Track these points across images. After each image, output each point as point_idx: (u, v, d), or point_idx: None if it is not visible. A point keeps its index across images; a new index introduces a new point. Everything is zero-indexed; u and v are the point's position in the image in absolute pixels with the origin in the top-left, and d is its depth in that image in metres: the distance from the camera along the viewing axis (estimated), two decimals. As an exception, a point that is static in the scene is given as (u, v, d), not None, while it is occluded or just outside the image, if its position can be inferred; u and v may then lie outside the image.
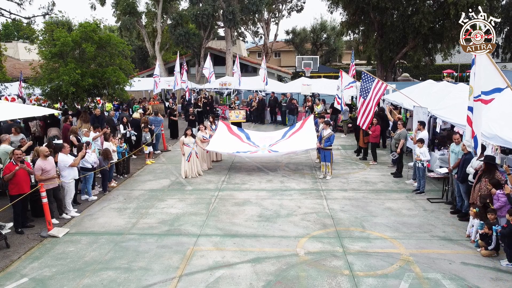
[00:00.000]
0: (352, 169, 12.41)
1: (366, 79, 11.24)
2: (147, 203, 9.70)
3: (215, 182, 11.24)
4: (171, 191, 10.60)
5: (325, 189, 10.41)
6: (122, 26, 30.21)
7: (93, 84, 14.46)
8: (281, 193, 10.19)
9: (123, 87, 15.44)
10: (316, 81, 21.79)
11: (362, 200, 9.54)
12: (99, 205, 9.66)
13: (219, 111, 23.88)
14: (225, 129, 13.40)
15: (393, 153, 11.38)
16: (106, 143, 10.82)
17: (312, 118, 13.03)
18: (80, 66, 14.29)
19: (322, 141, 11.19)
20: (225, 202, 9.60)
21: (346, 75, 16.37)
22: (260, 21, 41.48)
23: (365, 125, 11.52)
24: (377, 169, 12.32)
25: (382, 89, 10.86)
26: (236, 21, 27.56)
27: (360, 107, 11.62)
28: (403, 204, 9.23)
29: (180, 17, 28.47)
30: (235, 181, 11.36)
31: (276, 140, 12.96)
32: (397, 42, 27.84)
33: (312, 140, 11.68)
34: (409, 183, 10.77)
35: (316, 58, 24.78)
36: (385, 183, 10.89)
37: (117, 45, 15.44)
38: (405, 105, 13.66)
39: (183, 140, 11.72)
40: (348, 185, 10.76)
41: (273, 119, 21.93)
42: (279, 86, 23.19)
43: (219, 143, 12.53)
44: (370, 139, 12.86)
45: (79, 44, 14.67)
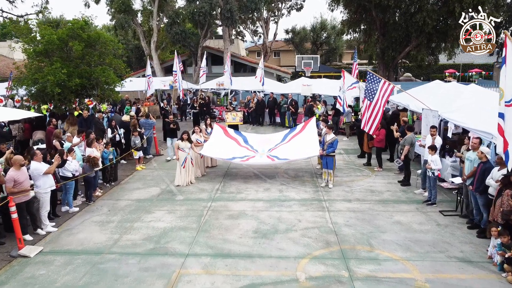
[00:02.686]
0: (356, 176, 11.57)
1: (372, 79, 10.40)
2: (133, 215, 8.86)
3: (208, 191, 10.41)
4: (160, 201, 9.76)
5: (328, 200, 9.57)
6: (117, 25, 29.33)
7: (81, 84, 13.63)
8: (280, 204, 9.36)
9: (113, 88, 14.60)
10: (316, 81, 20.94)
11: (368, 213, 8.70)
12: (80, 217, 8.82)
13: (216, 112, 23.07)
14: (221, 132, 12.57)
15: (397, 160, 10.55)
16: (88, 149, 9.97)
17: (314, 120, 12.18)
18: (66, 66, 13.46)
19: (324, 146, 10.35)
20: (218, 215, 8.76)
21: (349, 75, 15.55)
22: (259, 20, 40.67)
23: (372, 130, 10.68)
24: (382, 176, 11.49)
25: (389, 90, 10.02)
26: (234, 19, 26.71)
27: (365, 110, 10.77)
28: (413, 218, 8.39)
29: (177, 15, 27.60)
30: (230, 189, 10.52)
31: (275, 143, 12.13)
32: (399, 41, 27.01)
33: (314, 145, 10.84)
34: (418, 192, 9.94)
35: (316, 57, 23.97)
36: (392, 192, 10.06)
37: (107, 43, 14.62)
38: (412, 107, 12.82)
39: (179, 144, 10.89)
40: (352, 194, 9.93)
41: (272, 120, 21.09)
42: (278, 87, 22.34)
43: (214, 148, 11.70)
44: (374, 143, 12.04)
45: (66, 43, 13.85)
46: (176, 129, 13.49)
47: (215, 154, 11.51)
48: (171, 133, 13.62)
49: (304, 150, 11.01)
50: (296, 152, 11.12)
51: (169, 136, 13.61)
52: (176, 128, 13.46)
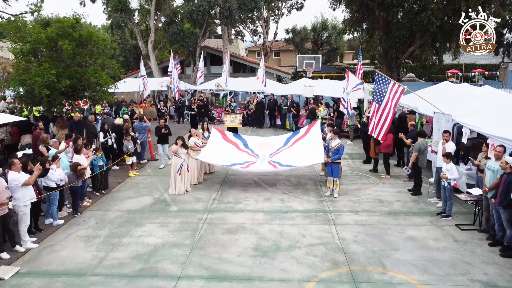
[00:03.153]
0: (363, 183, 10.86)
1: (380, 81, 9.68)
2: (122, 229, 8.14)
3: (204, 201, 9.69)
4: (152, 212, 9.04)
5: (333, 211, 8.85)
6: (113, 24, 28.60)
7: (71, 86, 12.93)
8: (282, 216, 8.64)
9: (106, 89, 13.88)
10: (318, 82, 20.22)
11: (378, 226, 7.99)
12: (64, 231, 8.10)
13: (215, 114, 22.37)
14: (219, 136, 11.85)
15: (406, 167, 9.84)
16: (76, 156, 9.26)
17: (318, 124, 11.46)
18: (56, 66, 12.75)
19: (329, 152, 9.63)
20: (215, 229, 8.05)
21: (353, 76, 14.85)
22: (259, 19, 39.97)
23: (381, 135, 9.95)
24: (391, 184, 10.77)
25: (399, 92, 9.30)
26: (234, 18, 25.98)
27: (373, 113, 10.05)
28: (428, 232, 7.68)
29: (174, 14, 26.88)
30: (228, 199, 9.81)
31: (277, 148, 11.42)
32: (403, 41, 26.25)
33: (319, 152, 10.12)
34: (432, 201, 9.23)
35: (318, 57, 23.25)
36: (402, 202, 9.34)
37: (100, 42, 13.90)
38: (420, 109, 12.09)
39: (173, 149, 10.17)
40: (360, 205, 9.21)
41: (272, 123, 20.38)
42: (278, 88, 21.61)
43: (212, 153, 10.99)
44: (381, 148, 11.34)
45: (56, 42, 13.14)
46: (168, 135, 12.67)
47: (213, 160, 10.79)
48: (162, 139, 12.73)
49: (307, 157, 10.29)
50: (299, 158, 10.40)
51: (160, 142, 12.75)
52: (167, 134, 12.63)
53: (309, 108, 17.72)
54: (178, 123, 22.33)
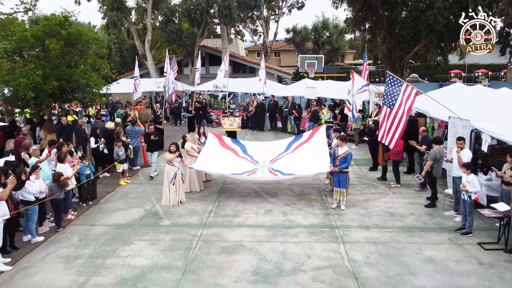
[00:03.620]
0: (371, 193, 10.06)
1: (392, 83, 8.88)
2: (108, 247, 7.34)
3: (200, 214, 8.89)
4: (142, 227, 8.24)
5: (341, 226, 8.05)
6: (109, 23, 27.81)
7: (59, 87, 12.14)
8: (284, 232, 7.84)
9: (97, 91, 13.08)
10: (320, 83, 19.39)
11: (392, 245, 7.19)
12: (44, 250, 7.30)
13: (213, 116, 21.57)
14: (216, 142, 11.06)
15: (418, 176, 9.04)
16: (60, 165, 8.46)
17: (323, 128, 10.67)
18: (42, 67, 11.96)
19: (336, 161, 8.83)
20: (210, 247, 7.25)
21: (359, 77, 14.06)
22: (259, 18, 39.20)
23: (393, 143, 9.15)
24: (401, 194, 9.97)
25: (413, 95, 8.50)
26: (233, 17, 25.20)
27: (384, 118, 9.25)
28: (448, 253, 6.88)
29: (172, 12, 26.09)
30: (226, 211, 9.01)
31: (278, 153, 10.64)
32: (408, 40, 25.46)
33: (324, 159, 9.33)
34: (448, 215, 8.44)
35: (320, 57, 22.44)
36: (416, 216, 8.54)
37: (90, 41, 13.11)
38: (432, 113, 11.29)
39: (166, 157, 9.36)
40: (370, 219, 8.41)
41: (273, 125, 19.58)
42: (279, 89, 20.79)
43: (208, 160, 10.19)
44: (390, 155, 10.54)
45: (43, 41, 12.36)
46: (158, 141, 11.80)
47: (210, 168, 9.98)
48: (151, 146, 11.83)
49: (311, 165, 9.49)
50: (302, 166, 9.60)
51: (149, 150, 11.88)
52: (157, 141, 11.75)
53: (311, 111, 16.92)
54: (175, 125, 21.53)
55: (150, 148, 11.85)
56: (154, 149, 11.85)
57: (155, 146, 11.85)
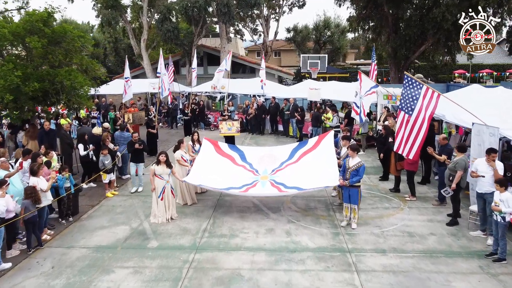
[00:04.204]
0: (384, 208, 9.03)
1: (410, 85, 7.86)
2: (84, 277, 6.31)
3: (192, 233, 7.87)
4: (126, 250, 7.22)
5: (354, 250, 7.03)
6: (103, 21, 26.80)
7: (41, 89, 11.14)
8: (288, 257, 6.82)
9: (84, 93, 12.07)
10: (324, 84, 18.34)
11: (414, 275, 6.16)
12: (8, 281, 6.28)
13: (211, 119, 20.54)
14: (211, 149, 10.06)
15: (446, 190, 8.00)
16: (33, 179, 7.44)
17: (331, 135, 9.65)
18: (22, 67, 10.97)
19: (346, 173, 7.81)
20: (203, 278, 6.22)
21: (367, 78, 13.04)
22: (259, 17, 38.20)
23: (412, 154, 8.12)
24: (418, 209, 8.95)
25: (435, 100, 7.49)
26: (232, 15, 24.19)
27: (401, 125, 8.21)
28: (480, 285, 5.86)
29: (168, 10, 25.05)
30: (222, 230, 7.98)
31: (280, 161, 9.64)
32: (414, 39, 24.45)
33: (332, 171, 8.32)
34: (475, 235, 7.42)
35: (324, 57, 21.40)
36: (438, 236, 7.51)
37: (75, 39, 12.09)
38: (449, 117, 10.24)
39: (154, 170, 8.33)
40: (386, 240, 7.39)
41: (273, 128, 18.56)
42: (280, 90, 19.73)
43: (203, 171, 9.18)
44: (404, 165, 9.51)
45: (23, 38, 11.36)
46: (143, 151, 10.49)
47: (204, 181, 8.92)
48: (135, 156, 10.37)
49: (318, 177, 8.46)
50: (308, 179, 8.57)
51: (133, 160, 10.38)
52: (142, 149, 10.44)
53: (313, 114, 15.88)
54: (171, 128, 20.52)
55: (134, 159, 10.38)
56: (139, 159, 10.44)
57: (140, 156, 10.48)
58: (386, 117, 12.63)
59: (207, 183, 8.85)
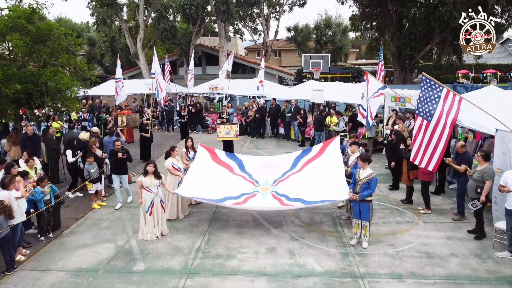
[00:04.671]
0: (397, 223, 8.19)
1: (428, 87, 7.03)
2: (57, 308, 5.49)
3: (184, 253, 7.04)
4: (108, 274, 6.38)
5: (366, 274, 6.19)
6: (98, 20, 25.98)
7: (24, 91, 10.33)
8: (293, 283, 5.98)
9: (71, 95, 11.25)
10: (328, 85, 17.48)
11: (439, 308, 5.34)
12: (-30, 313, 5.46)
13: (209, 121, 19.71)
14: (207, 157, 9.22)
15: (474, 203, 7.15)
16: (3, 193, 6.59)
17: (337, 141, 8.82)
18: (2, 67, 10.17)
19: (356, 186, 6.98)
20: (194, 310, 5.40)
21: (374, 79, 12.18)
22: (259, 16, 37.39)
23: (431, 165, 7.28)
24: (434, 223, 8.11)
25: (457, 104, 6.67)
26: (231, 13, 23.36)
27: (418, 133, 7.37)
28: (519, 322, 5.04)
29: (165, 8, 24.22)
30: (217, 249, 7.15)
31: (283, 171, 8.81)
32: (419, 38, 23.64)
33: (340, 183, 7.49)
34: (502, 256, 6.59)
35: (326, 56, 20.56)
36: (460, 258, 6.67)
37: (61, 37, 11.28)
38: (465, 122, 9.36)
39: (142, 182, 7.49)
40: (402, 263, 6.55)
41: (274, 131, 17.72)
42: (281, 91, 18.87)
43: (197, 181, 8.34)
44: (419, 175, 8.68)
45: (4, 36, 10.56)
46: (126, 160, 9.34)
47: (198, 192, 8.07)
48: (118, 166, 9.19)
49: (324, 189, 7.64)
50: (312, 191, 7.74)
51: (116, 172, 9.22)
52: (126, 159, 9.24)
53: (315, 117, 15.01)
54: (167, 131, 19.68)
55: (117, 169, 9.20)
56: (122, 170, 9.28)
57: (123, 166, 9.30)
58: (395, 120, 11.80)
59: (201, 195, 7.99)
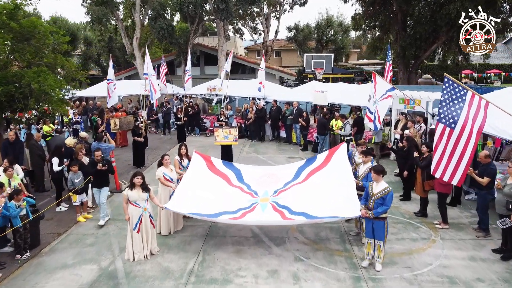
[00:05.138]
0: (412, 240, 7.39)
1: (452, 90, 6.23)
2: None
3: (175, 276, 6.25)
4: (87, 303, 5.61)
5: (382, 305, 5.41)
6: (93, 19, 25.20)
7: (6, 93, 9.56)
8: (298, 316, 5.21)
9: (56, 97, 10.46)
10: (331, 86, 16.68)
11: None
12: None
13: (207, 123, 18.93)
14: (203, 165, 8.43)
15: (504, 221, 6.35)
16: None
17: (344, 147, 8.05)
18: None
19: (369, 201, 6.20)
20: None
21: (382, 80, 11.40)
22: (259, 15, 36.64)
23: (456, 179, 6.46)
24: (454, 240, 7.31)
25: (483, 110, 5.88)
26: (230, 11, 22.57)
27: (439, 142, 6.56)
28: None
29: (162, 6, 23.44)
30: (213, 272, 6.36)
31: (284, 182, 8.03)
32: (425, 37, 22.83)
33: (349, 196, 6.71)
34: (534, 285, 5.81)
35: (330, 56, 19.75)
36: (487, 284, 5.88)
37: (47, 35, 10.50)
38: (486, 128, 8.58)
39: (128, 196, 6.70)
40: (421, 289, 5.77)
41: (275, 135, 16.94)
42: (282, 93, 18.06)
43: (190, 194, 7.54)
44: (435, 186, 7.89)
45: (-16, 34, 9.79)
46: (107, 172, 8.35)
47: (191, 208, 7.22)
48: (97, 179, 8.23)
49: (332, 202, 6.84)
50: (318, 203, 6.94)
51: (96, 185, 8.27)
52: (107, 171, 8.30)
53: (318, 121, 14.19)
54: (164, 134, 18.89)
55: (97, 183, 8.25)
56: (103, 183, 8.30)
57: (104, 179, 8.34)
58: (406, 124, 11.03)
59: (194, 209, 7.15)
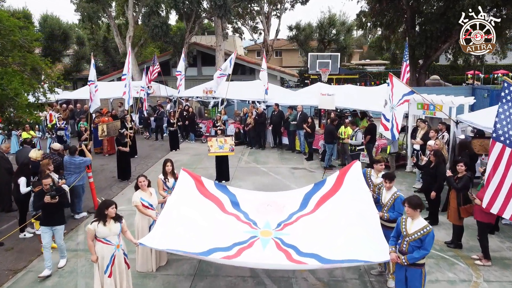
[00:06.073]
0: (449, 282, 5.94)
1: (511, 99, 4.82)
2: None
3: None
4: None
5: None
6: (83, 16, 23.78)
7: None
8: None
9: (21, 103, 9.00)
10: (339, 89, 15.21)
11: None
12: None
13: (202, 128, 17.51)
14: (191, 186, 6.95)
15: None
16: None
17: (359, 166, 6.65)
18: None
19: (403, 243, 4.76)
20: None
21: (399, 82, 9.98)
22: (260, 14, 35.24)
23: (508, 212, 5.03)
24: (501, 283, 5.87)
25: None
26: (228, 8, 21.14)
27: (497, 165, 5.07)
28: None
29: (156, 3, 22.01)
30: (199, 332, 4.94)
31: (290, 212, 6.57)
32: (437, 36, 21.40)
33: (373, 232, 5.28)
34: None
35: (336, 56, 18.26)
36: None
37: (14, 31, 9.06)
38: None
39: (96, 232, 5.22)
40: None
41: (277, 141, 15.51)
42: (285, 96, 16.60)
43: (173, 223, 6.05)
44: (475, 213, 6.45)
45: None
46: (61, 205, 6.25)
47: (174, 243, 5.70)
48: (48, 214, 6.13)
49: (351, 241, 5.40)
50: (334, 245, 5.48)
51: (46, 223, 6.14)
52: (58, 204, 6.13)
53: (326, 127, 12.75)
54: (156, 140, 17.46)
55: (48, 220, 6.14)
56: (56, 220, 6.20)
57: (58, 215, 6.25)
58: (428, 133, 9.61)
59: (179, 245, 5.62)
